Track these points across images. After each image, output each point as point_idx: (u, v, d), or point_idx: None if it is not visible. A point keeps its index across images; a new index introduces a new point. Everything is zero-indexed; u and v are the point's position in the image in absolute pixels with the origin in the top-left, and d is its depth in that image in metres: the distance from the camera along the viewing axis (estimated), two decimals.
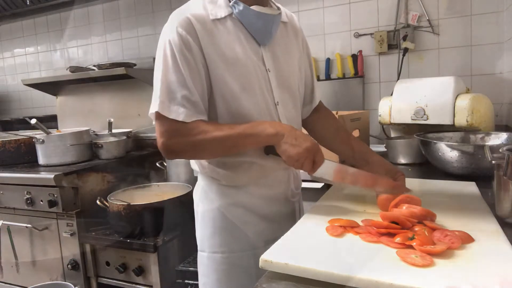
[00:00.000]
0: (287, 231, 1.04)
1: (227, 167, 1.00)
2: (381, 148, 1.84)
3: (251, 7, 0.95)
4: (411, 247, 0.67)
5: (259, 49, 0.99)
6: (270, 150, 0.94)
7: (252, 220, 1.03)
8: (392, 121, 1.63)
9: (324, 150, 0.98)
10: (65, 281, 1.82)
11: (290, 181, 1.09)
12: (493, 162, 0.83)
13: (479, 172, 1.15)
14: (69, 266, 1.80)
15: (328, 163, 0.93)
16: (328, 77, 2.16)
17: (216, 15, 0.94)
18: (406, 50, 1.95)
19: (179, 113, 0.89)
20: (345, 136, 1.14)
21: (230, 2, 0.96)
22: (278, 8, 1.04)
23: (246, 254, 1.02)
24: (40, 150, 1.96)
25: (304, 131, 1.20)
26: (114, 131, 2.24)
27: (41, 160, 1.97)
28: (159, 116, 0.90)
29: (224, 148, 0.94)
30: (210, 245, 1.04)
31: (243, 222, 1.03)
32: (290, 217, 1.10)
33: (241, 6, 0.94)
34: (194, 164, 1.07)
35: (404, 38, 1.93)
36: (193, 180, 1.15)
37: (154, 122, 0.94)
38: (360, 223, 0.81)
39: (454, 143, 1.27)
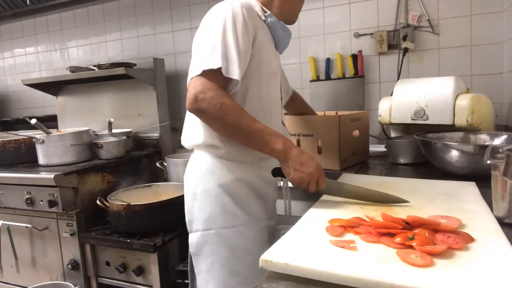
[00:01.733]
0: (274, 216, 1.17)
1: (234, 143, 1.07)
2: (381, 148, 1.84)
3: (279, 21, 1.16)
4: (411, 247, 0.67)
5: (278, 54, 1.19)
6: (277, 173, 1.03)
7: (253, 197, 1.12)
8: (392, 121, 1.63)
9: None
10: (65, 281, 1.82)
11: None
12: (488, 162, 0.83)
13: (479, 172, 1.15)
14: (69, 266, 1.80)
15: (330, 183, 1.02)
16: (328, 77, 2.16)
17: (261, 16, 1.11)
18: (406, 50, 1.95)
19: (234, 72, 0.96)
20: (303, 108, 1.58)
21: (265, 12, 1.13)
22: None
23: (255, 227, 1.09)
24: (40, 150, 1.96)
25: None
26: (114, 131, 2.24)
27: (41, 160, 1.97)
28: (203, 73, 0.95)
29: (238, 132, 0.99)
30: (220, 222, 1.07)
31: (247, 198, 1.10)
32: (275, 204, 1.23)
33: (274, 18, 1.13)
34: (191, 141, 1.12)
35: (404, 38, 1.93)
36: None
37: (191, 78, 0.97)
38: (361, 223, 0.81)
39: (454, 143, 1.27)
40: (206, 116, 0.98)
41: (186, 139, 1.16)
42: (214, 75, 0.96)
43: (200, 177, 1.11)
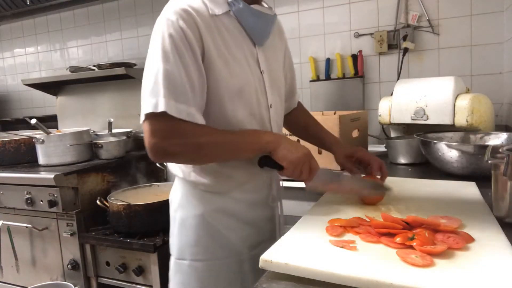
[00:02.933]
0: (269, 234, 1.06)
1: (211, 174, 0.96)
2: (381, 148, 1.84)
3: (251, 5, 0.92)
4: (411, 247, 0.67)
5: (254, 49, 0.96)
6: (264, 163, 0.92)
7: (236, 226, 1.00)
8: (392, 121, 1.63)
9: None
10: (65, 281, 1.82)
11: (272, 186, 1.07)
12: (489, 162, 0.83)
13: (479, 172, 1.15)
14: (69, 266, 1.80)
15: (323, 170, 0.95)
16: (328, 77, 2.16)
17: (214, 11, 0.88)
18: (406, 50, 1.95)
19: (187, 113, 0.81)
20: (315, 132, 1.19)
21: None
22: (270, 8, 1.02)
23: (230, 261, 0.99)
24: (40, 150, 1.96)
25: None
26: (114, 131, 2.24)
27: (41, 160, 1.97)
28: (153, 114, 0.81)
29: (224, 153, 0.89)
30: (192, 253, 0.99)
31: (227, 228, 0.99)
32: (271, 221, 1.08)
33: (240, 4, 0.91)
34: (175, 168, 1.01)
35: (404, 38, 1.93)
36: None
37: (142, 121, 0.84)
38: (361, 223, 0.81)
39: (454, 143, 1.27)
40: (181, 159, 0.90)
41: (169, 164, 1.05)
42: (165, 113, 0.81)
43: (178, 204, 1.03)
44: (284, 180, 1.14)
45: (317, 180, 0.94)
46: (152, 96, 0.82)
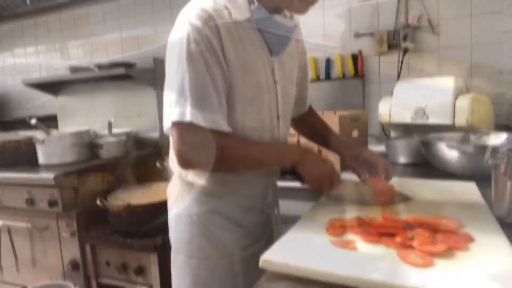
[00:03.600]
0: (262, 238, 1.07)
1: (207, 177, 0.97)
2: (381, 148, 1.84)
3: (273, 15, 0.91)
4: (411, 247, 0.67)
5: (270, 59, 0.96)
6: (285, 172, 0.95)
7: (228, 227, 1.01)
8: (392, 121, 1.63)
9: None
10: (65, 281, 1.82)
11: (268, 193, 1.07)
12: (489, 162, 0.83)
13: (479, 172, 1.15)
14: (69, 266, 1.80)
15: (343, 183, 0.97)
16: (328, 77, 2.16)
17: (237, 16, 0.88)
18: (406, 50, 1.95)
19: (212, 121, 0.83)
20: (322, 133, 1.20)
21: (250, 5, 0.90)
22: (291, 17, 1.02)
23: (223, 262, 1.00)
24: (40, 150, 1.96)
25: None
26: (114, 131, 2.24)
27: (41, 160, 1.97)
28: (180, 122, 0.82)
29: (248, 166, 0.94)
30: (187, 250, 1.01)
31: (220, 229, 1.00)
32: (265, 224, 1.08)
33: (263, 13, 0.90)
34: (174, 166, 1.01)
35: (404, 38, 1.93)
36: None
37: (169, 127, 0.85)
38: (361, 223, 0.81)
39: (454, 143, 1.27)
40: (207, 169, 0.92)
41: (170, 161, 1.05)
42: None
43: (174, 199, 1.05)
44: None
45: (336, 193, 0.97)
46: (178, 104, 0.82)
